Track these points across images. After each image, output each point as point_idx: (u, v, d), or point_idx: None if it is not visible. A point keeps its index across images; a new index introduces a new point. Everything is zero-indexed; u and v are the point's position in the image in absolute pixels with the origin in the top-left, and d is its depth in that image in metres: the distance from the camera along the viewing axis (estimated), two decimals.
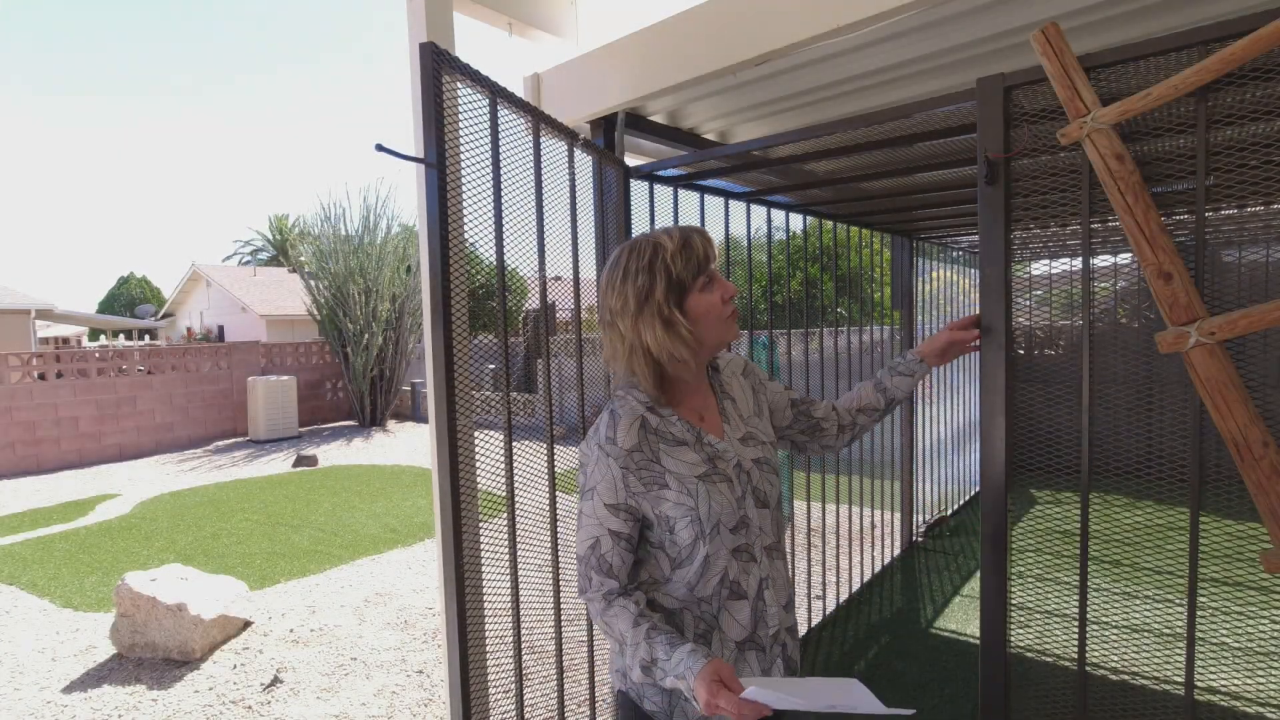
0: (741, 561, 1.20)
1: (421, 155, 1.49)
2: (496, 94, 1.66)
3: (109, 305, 31.22)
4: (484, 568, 1.75)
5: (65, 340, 20.75)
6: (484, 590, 1.77)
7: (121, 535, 6.23)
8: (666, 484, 1.15)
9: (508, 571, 1.80)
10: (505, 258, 1.75)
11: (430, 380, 1.83)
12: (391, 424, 13.47)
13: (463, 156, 1.61)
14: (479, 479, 1.78)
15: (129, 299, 31.20)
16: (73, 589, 4.89)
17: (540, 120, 1.84)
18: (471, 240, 1.69)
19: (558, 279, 2.01)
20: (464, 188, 1.63)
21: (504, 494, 1.80)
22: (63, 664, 3.75)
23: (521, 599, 1.83)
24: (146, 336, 22.95)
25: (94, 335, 23.80)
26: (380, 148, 1.40)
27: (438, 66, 1.44)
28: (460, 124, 1.59)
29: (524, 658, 1.86)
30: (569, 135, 1.98)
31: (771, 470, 1.28)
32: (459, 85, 1.60)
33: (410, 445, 11.04)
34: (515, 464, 1.85)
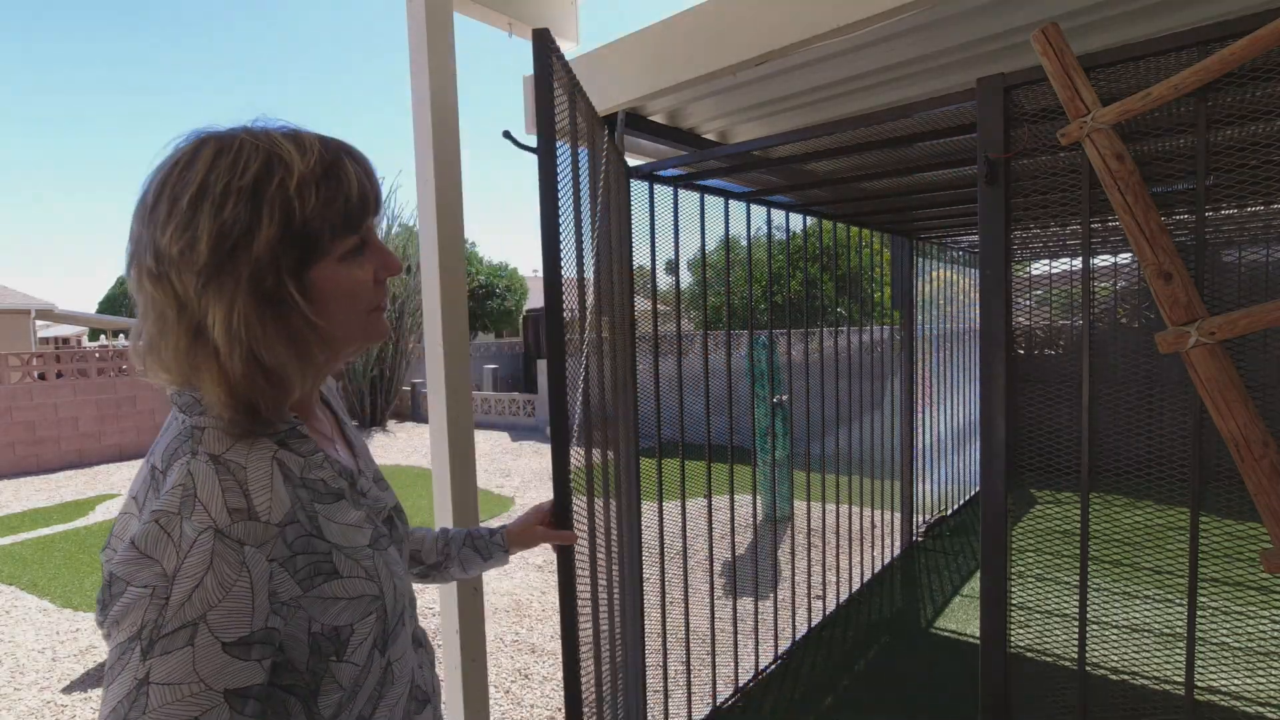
0: (417, 649, 0.83)
1: (534, 145, 1.45)
2: (574, 89, 1.58)
3: (109, 305, 31.23)
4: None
5: (65, 340, 20.75)
6: (484, 590, 1.77)
7: None
8: (336, 569, 0.68)
9: (508, 571, 1.80)
10: (505, 258, 1.75)
11: (429, 380, 1.83)
12: (391, 424, 13.47)
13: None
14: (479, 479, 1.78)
15: (129, 299, 31.19)
16: (73, 589, 4.88)
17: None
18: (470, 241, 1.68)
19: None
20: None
21: (505, 494, 1.81)
22: (63, 664, 3.75)
23: (522, 599, 1.83)
24: None
25: (94, 335, 23.80)
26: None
27: (548, 54, 1.37)
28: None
29: (524, 657, 1.85)
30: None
31: (403, 517, 0.92)
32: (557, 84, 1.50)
33: (410, 445, 11.03)
34: (515, 463, 1.86)
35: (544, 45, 1.28)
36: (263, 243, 0.64)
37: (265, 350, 0.65)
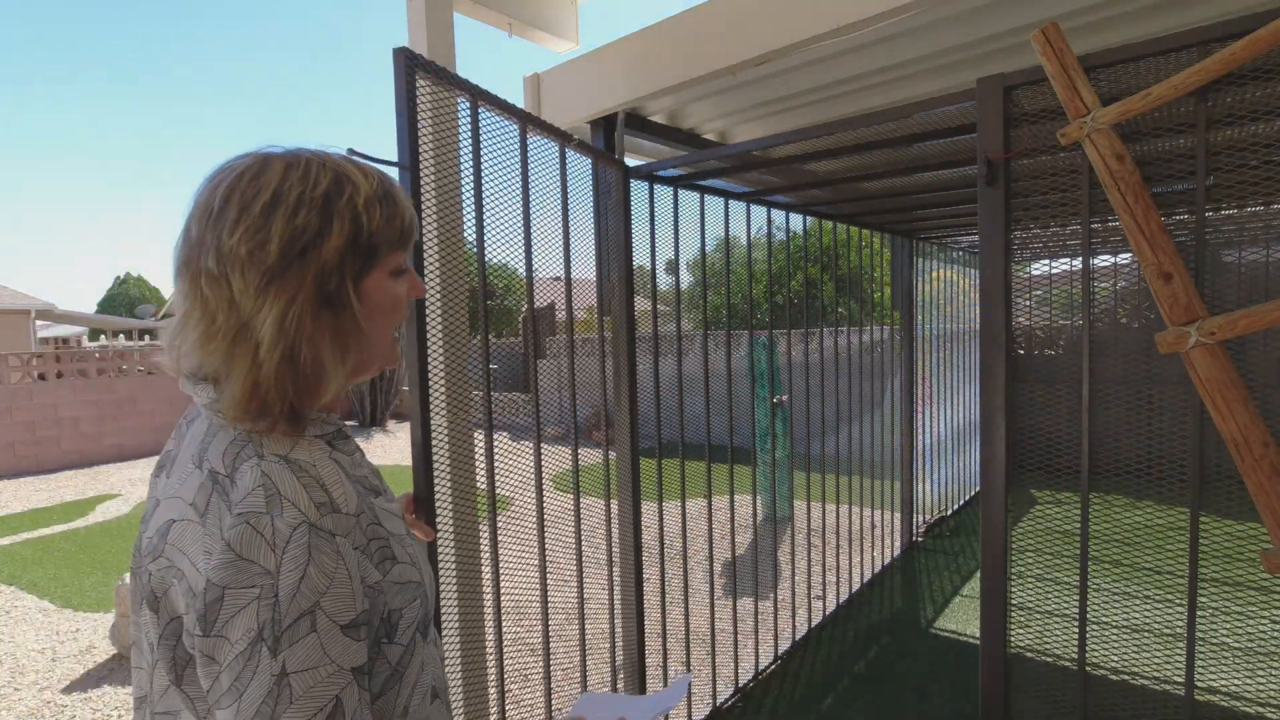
0: (432, 646, 0.82)
1: (397, 159, 1.48)
2: (477, 96, 1.66)
3: (108, 305, 31.24)
4: (483, 568, 1.75)
5: (65, 340, 20.76)
6: (483, 590, 1.78)
7: (121, 535, 6.23)
8: (395, 556, 0.73)
9: (505, 572, 1.81)
10: (504, 259, 1.75)
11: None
12: (391, 424, 13.48)
13: (446, 158, 1.62)
14: (478, 479, 1.78)
15: (129, 299, 31.23)
16: (73, 589, 4.88)
17: (527, 122, 1.84)
18: (469, 241, 1.69)
19: (557, 279, 2.01)
20: (451, 190, 1.63)
21: (503, 494, 1.80)
22: (63, 664, 3.75)
23: (520, 599, 1.83)
24: (147, 336, 22.97)
25: (94, 335, 23.80)
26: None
27: (412, 71, 1.44)
28: (443, 127, 1.59)
29: (524, 657, 1.85)
30: (561, 136, 1.98)
31: None
32: (449, 90, 1.59)
33: (410, 445, 11.02)
34: (513, 464, 1.86)
35: (408, 65, 1.32)
36: (331, 249, 0.70)
37: (308, 346, 0.69)
